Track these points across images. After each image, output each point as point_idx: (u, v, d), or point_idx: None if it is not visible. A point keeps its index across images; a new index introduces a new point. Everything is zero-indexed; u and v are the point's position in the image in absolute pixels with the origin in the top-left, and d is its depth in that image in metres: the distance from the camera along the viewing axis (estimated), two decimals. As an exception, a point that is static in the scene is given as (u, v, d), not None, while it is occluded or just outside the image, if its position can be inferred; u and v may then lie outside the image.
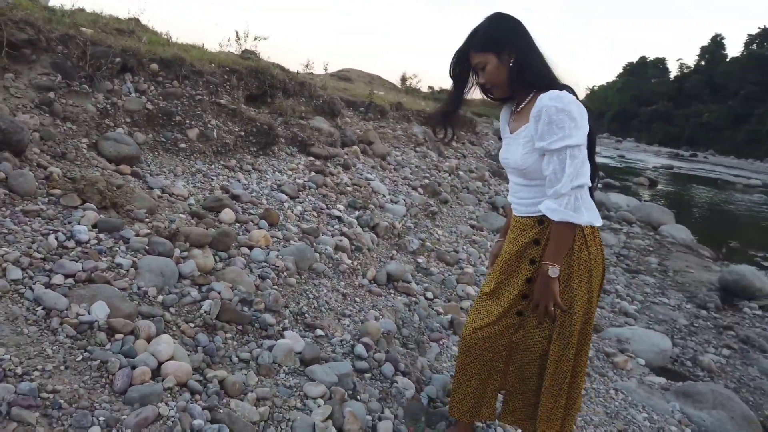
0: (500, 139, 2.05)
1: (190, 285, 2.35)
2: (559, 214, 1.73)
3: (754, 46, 71.38)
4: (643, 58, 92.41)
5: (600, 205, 9.95)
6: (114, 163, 3.13)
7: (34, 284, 1.90)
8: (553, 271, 1.76)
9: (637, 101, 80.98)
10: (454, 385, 2.07)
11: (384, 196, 4.85)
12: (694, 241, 8.80)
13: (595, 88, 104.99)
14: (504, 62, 1.82)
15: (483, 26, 1.87)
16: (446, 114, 2.06)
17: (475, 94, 1.98)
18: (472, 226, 5.36)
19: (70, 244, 2.20)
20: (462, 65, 1.92)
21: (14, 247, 2.03)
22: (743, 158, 51.90)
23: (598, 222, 1.81)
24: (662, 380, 3.74)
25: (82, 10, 5.09)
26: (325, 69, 13.34)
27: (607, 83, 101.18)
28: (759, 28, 72.06)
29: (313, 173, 4.50)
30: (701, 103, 70.01)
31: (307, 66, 10.65)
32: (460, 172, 7.23)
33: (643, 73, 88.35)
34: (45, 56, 3.33)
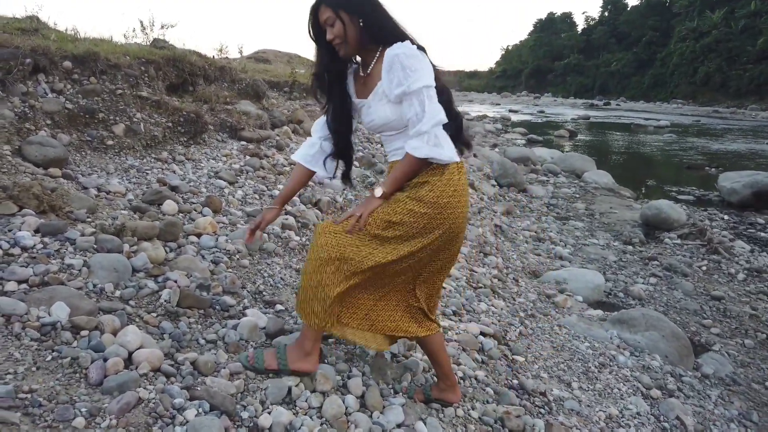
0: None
1: (145, 277, 2.37)
2: (422, 151, 1.84)
3: (652, -6, 74.94)
4: (551, 14, 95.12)
5: (526, 160, 10.39)
6: (42, 167, 3.04)
7: (-16, 294, 1.88)
8: (378, 191, 1.93)
9: (551, 56, 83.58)
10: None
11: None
12: (615, 184, 9.39)
13: (509, 47, 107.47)
14: (353, 19, 1.88)
15: None
16: (320, 75, 2.05)
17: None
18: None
19: (16, 251, 2.16)
20: (316, 22, 1.95)
21: (-43, 260, 1.99)
22: (651, 102, 54.94)
23: (456, 158, 1.92)
24: (599, 312, 4.07)
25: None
26: (240, 52, 12.97)
27: (521, 42, 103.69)
28: (654, -24, 75.52)
29: (248, 157, 4.49)
30: (609, 53, 73.12)
31: (221, 51, 10.34)
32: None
33: (553, 28, 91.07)
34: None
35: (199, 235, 2.91)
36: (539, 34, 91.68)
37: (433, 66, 1.91)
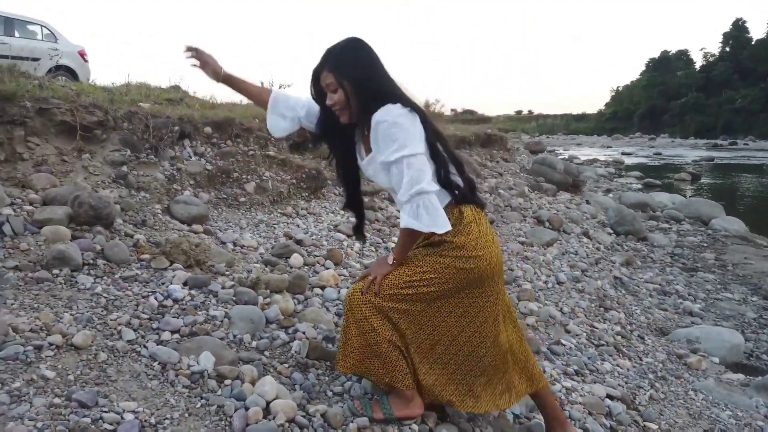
0: (534, 152, 2.20)
1: (277, 328, 2.52)
2: (403, 221, 1.87)
3: (779, 26, 69.39)
4: (665, 52, 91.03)
5: (644, 206, 9.84)
6: (186, 224, 3.37)
7: (147, 342, 2.10)
8: (390, 259, 1.98)
9: (665, 96, 79.51)
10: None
11: (433, 223, 4.98)
12: (749, 232, 8.62)
13: (619, 88, 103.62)
14: (354, 90, 1.87)
15: (338, 48, 1.91)
16: (320, 135, 2.16)
17: (496, 108, 2.10)
18: (522, 243, 5.43)
19: (168, 302, 2.40)
20: (318, 85, 1.96)
21: (123, 311, 2.25)
22: (785, 139, 50.14)
23: (440, 229, 1.85)
24: (740, 376, 3.71)
25: (129, 85, 5.49)
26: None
27: (631, 82, 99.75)
28: (781, 6, 70.12)
29: (363, 210, 4.67)
30: (732, 90, 68.28)
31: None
32: (500, 191, 7.31)
33: (667, 66, 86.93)
34: (114, 134, 3.63)
35: (323, 288, 3.06)
36: (652, 73, 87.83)
37: (431, 127, 1.91)
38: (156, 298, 2.40)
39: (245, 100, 3.83)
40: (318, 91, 1.98)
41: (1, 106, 3.16)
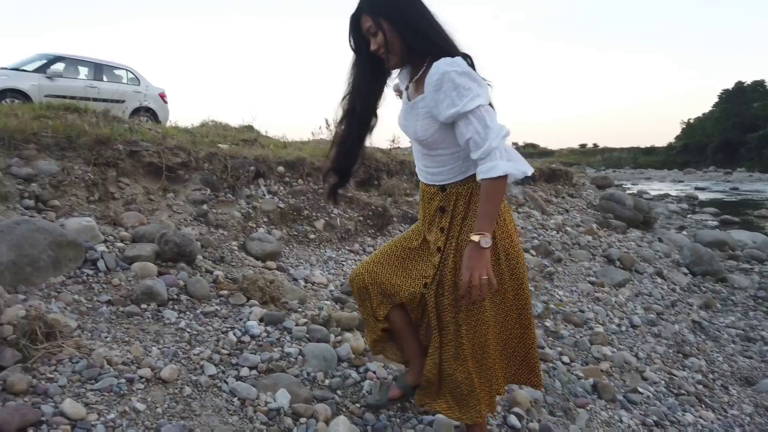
0: (601, 187, 2.07)
1: (349, 367, 2.56)
2: (499, 169, 1.60)
3: None
4: (739, 83, 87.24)
5: (722, 244, 9.34)
6: (261, 260, 3.49)
7: (227, 378, 2.18)
8: (485, 241, 1.62)
9: (741, 128, 75.82)
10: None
11: (499, 262, 4.93)
12: (842, 273, 7.98)
13: (691, 121, 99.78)
14: (397, 27, 1.71)
15: None
16: (358, 89, 1.85)
17: (558, 141, 1.98)
18: (592, 283, 5.27)
19: (246, 338, 2.49)
20: (358, 32, 1.78)
21: (205, 345, 2.35)
22: None
23: (530, 169, 1.70)
24: (839, 433, 3.41)
25: (207, 125, 5.81)
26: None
27: (703, 114, 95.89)
28: None
29: (429, 248, 4.70)
30: (816, 120, 64.39)
31: (393, 141, 11.19)
32: (568, 228, 7.15)
33: (742, 98, 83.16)
34: (195, 174, 3.85)
35: (391, 327, 3.07)
36: (726, 105, 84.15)
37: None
38: (235, 334, 2.49)
39: (304, 133, 3.95)
40: (358, 42, 1.81)
41: (98, 149, 3.43)
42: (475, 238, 1.62)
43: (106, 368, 2.01)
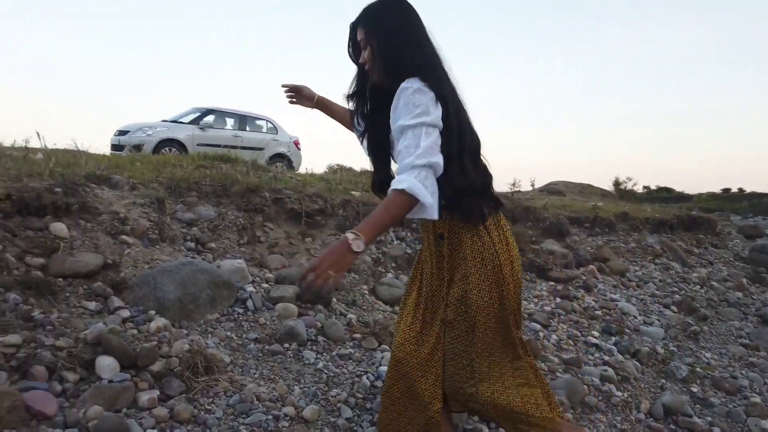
0: (750, 237, 1.91)
1: (480, 421, 2.52)
2: (407, 183, 1.48)
3: None
4: None
5: None
6: (389, 305, 3.59)
7: (362, 422, 2.25)
8: (357, 245, 1.44)
9: None
10: None
11: (635, 317, 4.63)
12: None
13: None
14: (382, 49, 1.70)
15: (375, 4, 1.76)
16: (353, 95, 1.89)
17: (696, 185, 1.88)
18: (745, 345, 4.75)
19: (379, 383, 2.56)
20: (355, 41, 1.80)
21: (341, 388, 2.45)
22: None
23: (436, 214, 1.54)
24: None
25: (341, 172, 6.14)
26: (533, 185, 13.49)
27: None
28: None
29: (558, 299, 4.53)
30: None
31: (514, 184, 11.00)
32: (713, 282, 6.55)
33: None
34: (331, 220, 4.08)
35: (521, 381, 2.99)
36: None
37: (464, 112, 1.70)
38: (368, 378, 2.58)
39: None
40: (356, 50, 1.83)
41: (248, 196, 3.77)
42: (350, 236, 1.45)
43: (256, 404, 2.16)
